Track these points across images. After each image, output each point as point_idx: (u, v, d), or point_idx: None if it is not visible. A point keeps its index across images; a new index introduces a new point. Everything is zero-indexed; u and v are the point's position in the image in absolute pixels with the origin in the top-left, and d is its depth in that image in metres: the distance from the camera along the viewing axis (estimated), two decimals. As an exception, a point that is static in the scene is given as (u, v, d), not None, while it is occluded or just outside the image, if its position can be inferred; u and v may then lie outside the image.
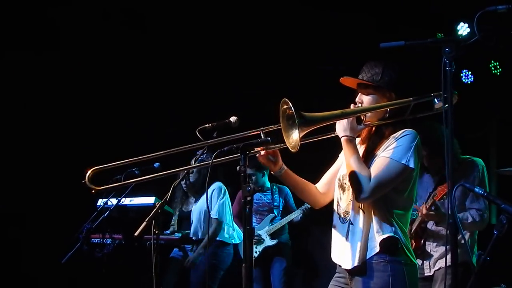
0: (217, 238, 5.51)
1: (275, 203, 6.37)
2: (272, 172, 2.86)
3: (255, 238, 6.21)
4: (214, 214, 5.46)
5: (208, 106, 6.67)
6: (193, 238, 5.54)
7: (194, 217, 5.60)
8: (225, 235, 5.57)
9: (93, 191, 2.79)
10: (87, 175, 2.74)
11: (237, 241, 5.69)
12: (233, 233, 5.66)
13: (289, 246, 6.37)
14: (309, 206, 6.04)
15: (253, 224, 6.32)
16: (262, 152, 2.75)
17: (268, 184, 6.43)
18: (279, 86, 6.51)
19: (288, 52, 6.78)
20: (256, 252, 6.22)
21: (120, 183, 3.26)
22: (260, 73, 6.96)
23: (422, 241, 3.94)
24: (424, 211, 3.75)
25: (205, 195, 5.51)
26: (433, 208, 3.73)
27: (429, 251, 3.90)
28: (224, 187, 5.57)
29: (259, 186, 6.36)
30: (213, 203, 5.50)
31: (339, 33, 6.44)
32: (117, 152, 3.26)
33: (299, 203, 6.23)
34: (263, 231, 6.27)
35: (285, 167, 2.83)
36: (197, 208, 5.60)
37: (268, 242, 6.25)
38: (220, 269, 5.52)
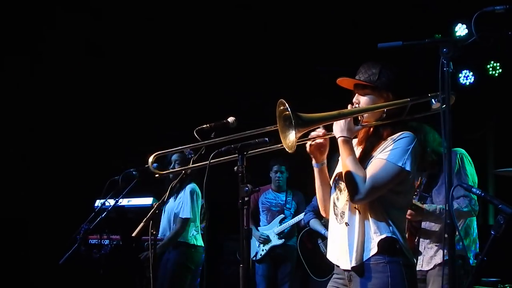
0: (181, 240, 5.34)
1: (287, 205, 6.41)
2: (314, 163, 2.80)
3: (262, 238, 6.22)
4: (187, 214, 5.29)
5: (207, 107, 6.67)
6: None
7: (164, 216, 5.43)
8: (188, 237, 5.39)
9: (157, 175, 2.88)
10: (150, 160, 2.72)
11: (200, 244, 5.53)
12: (197, 235, 5.48)
13: (296, 249, 6.38)
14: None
15: (263, 223, 6.39)
16: (319, 140, 2.72)
17: (285, 186, 6.47)
18: (276, 86, 6.52)
19: (285, 53, 6.78)
20: (263, 250, 6.26)
21: (180, 168, 3.25)
22: (258, 74, 6.97)
23: (415, 239, 3.92)
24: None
25: (180, 195, 5.35)
26: (412, 207, 3.71)
27: (423, 249, 3.89)
28: (198, 190, 5.40)
29: (281, 186, 6.43)
30: (187, 203, 5.32)
31: (337, 33, 6.45)
32: (114, 153, 3.26)
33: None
34: (271, 231, 6.29)
35: (325, 161, 2.81)
36: (169, 208, 5.42)
37: (275, 241, 6.27)
38: (189, 268, 5.37)
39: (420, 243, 3.91)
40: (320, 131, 2.71)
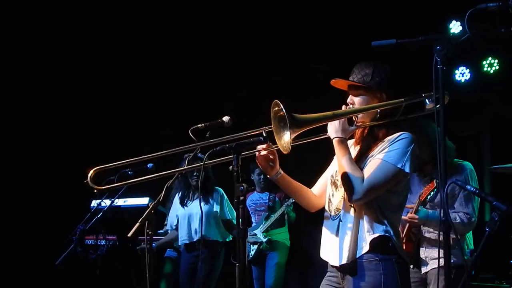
0: (217, 239, 5.43)
1: (270, 203, 6.42)
2: (268, 176, 2.84)
3: (252, 238, 6.27)
4: (228, 215, 5.46)
5: (202, 107, 6.67)
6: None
7: (197, 218, 5.41)
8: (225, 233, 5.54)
9: (95, 190, 2.78)
10: (89, 175, 2.72)
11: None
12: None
13: (285, 245, 6.41)
14: (292, 201, 6.11)
15: (253, 224, 6.41)
16: (263, 152, 2.73)
17: (267, 186, 6.49)
18: (271, 87, 6.52)
19: (280, 53, 6.78)
20: (253, 250, 6.31)
21: (122, 183, 3.25)
22: (252, 74, 6.97)
23: (414, 246, 3.88)
24: (409, 216, 3.72)
25: (213, 197, 5.44)
26: (418, 212, 3.71)
27: (424, 258, 3.86)
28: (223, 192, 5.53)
29: (266, 186, 6.46)
30: (225, 205, 5.49)
31: (331, 32, 6.45)
32: (110, 153, 3.26)
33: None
34: (258, 230, 6.33)
35: (282, 171, 2.81)
36: (204, 210, 5.41)
37: (261, 238, 6.32)
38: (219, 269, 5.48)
39: (420, 251, 3.88)
40: (264, 145, 2.72)
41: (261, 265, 6.39)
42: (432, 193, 3.67)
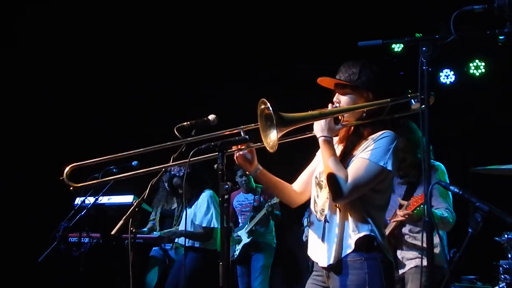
0: (202, 246, 5.38)
1: (255, 204, 6.41)
2: (247, 172, 2.85)
3: (236, 238, 6.27)
4: (214, 223, 5.28)
5: (187, 104, 6.65)
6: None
7: (183, 220, 5.46)
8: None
9: (71, 188, 2.75)
10: (65, 172, 2.71)
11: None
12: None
13: (271, 246, 6.41)
14: (275, 202, 6.11)
15: (240, 225, 6.40)
16: (241, 151, 2.74)
17: (254, 186, 6.48)
18: (257, 85, 6.52)
19: (267, 51, 6.79)
20: (237, 250, 6.32)
21: (98, 180, 3.22)
22: (239, 72, 6.97)
23: (392, 249, 3.90)
24: (401, 213, 3.74)
25: (197, 201, 5.39)
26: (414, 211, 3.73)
27: (401, 259, 3.89)
28: (214, 194, 5.40)
29: (250, 187, 6.40)
30: (207, 214, 5.33)
31: (318, 32, 6.46)
32: (94, 150, 3.23)
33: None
34: (243, 230, 6.32)
35: (260, 167, 2.83)
36: (190, 213, 5.41)
37: (245, 240, 6.31)
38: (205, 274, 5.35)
39: (397, 253, 3.90)
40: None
41: (246, 264, 6.39)
42: (419, 207, 3.66)
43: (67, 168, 2.72)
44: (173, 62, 6.82)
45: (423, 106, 2.37)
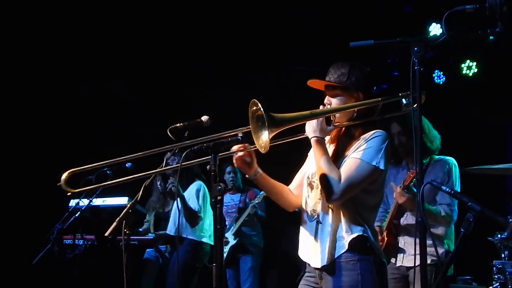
0: (191, 237, 5.42)
1: (240, 205, 6.41)
2: (246, 176, 2.83)
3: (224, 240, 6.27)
4: (194, 206, 5.35)
5: (179, 106, 6.65)
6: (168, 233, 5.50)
7: (172, 216, 5.53)
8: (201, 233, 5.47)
9: (69, 193, 2.74)
10: (63, 177, 2.69)
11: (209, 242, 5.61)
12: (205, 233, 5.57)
13: (259, 247, 6.40)
14: (257, 202, 6.11)
15: (226, 226, 6.39)
16: (240, 153, 2.72)
17: (241, 186, 6.46)
18: (248, 87, 6.52)
19: (258, 53, 6.79)
20: (224, 253, 6.26)
21: (94, 186, 3.22)
22: (230, 74, 6.97)
23: (394, 237, 3.97)
24: (399, 189, 3.78)
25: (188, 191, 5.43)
26: (405, 191, 3.77)
27: (402, 246, 3.94)
28: (205, 187, 5.47)
29: (237, 187, 6.39)
30: (196, 199, 5.39)
31: (310, 33, 6.47)
32: (88, 153, 3.24)
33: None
34: (229, 232, 6.30)
35: (260, 171, 2.80)
36: (175, 208, 5.51)
37: (232, 242, 6.29)
38: (196, 268, 5.44)
39: (400, 240, 3.95)
40: (240, 145, 2.72)
41: (235, 266, 6.36)
42: (414, 179, 3.70)
43: (64, 175, 2.69)
44: (166, 64, 6.82)
45: (415, 105, 2.39)
